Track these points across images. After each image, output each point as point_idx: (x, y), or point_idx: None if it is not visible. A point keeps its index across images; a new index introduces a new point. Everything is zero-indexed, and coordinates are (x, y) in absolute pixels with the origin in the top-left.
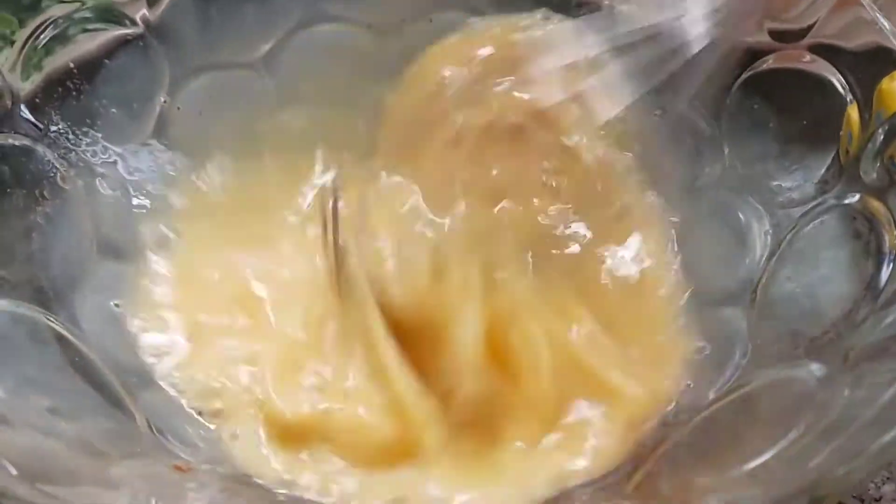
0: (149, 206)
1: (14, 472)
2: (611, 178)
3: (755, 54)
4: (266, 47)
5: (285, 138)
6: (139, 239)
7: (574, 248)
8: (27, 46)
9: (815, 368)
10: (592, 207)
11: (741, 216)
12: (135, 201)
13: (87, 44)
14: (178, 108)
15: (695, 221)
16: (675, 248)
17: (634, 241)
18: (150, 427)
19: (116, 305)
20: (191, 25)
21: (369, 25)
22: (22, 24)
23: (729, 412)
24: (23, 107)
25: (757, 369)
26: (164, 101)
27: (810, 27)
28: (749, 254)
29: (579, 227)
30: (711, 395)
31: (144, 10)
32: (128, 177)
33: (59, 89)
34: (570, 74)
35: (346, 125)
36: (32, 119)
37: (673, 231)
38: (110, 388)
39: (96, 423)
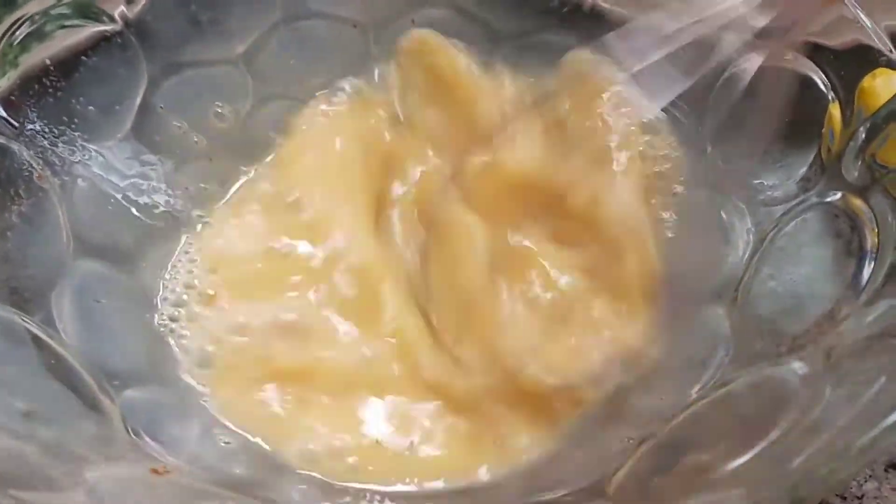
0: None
1: None
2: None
3: (739, 51)
4: (247, 43)
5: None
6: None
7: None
8: (2, 43)
9: (797, 367)
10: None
11: (723, 214)
12: (113, 200)
13: (65, 40)
14: (161, 108)
15: (677, 219)
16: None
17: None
18: (126, 429)
19: (97, 301)
20: (170, 22)
21: (353, 22)
22: None
23: (711, 411)
24: None
25: (739, 368)
26: (161, 108)
27: (794, 24)
28: (731, 252)
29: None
30: (694, 394)
31: (123, 7)
32: (105, 175)
33: (36, 86)
34: None
35: None
36: (7, 117)
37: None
38: (87, 390)
39: (72, 427)
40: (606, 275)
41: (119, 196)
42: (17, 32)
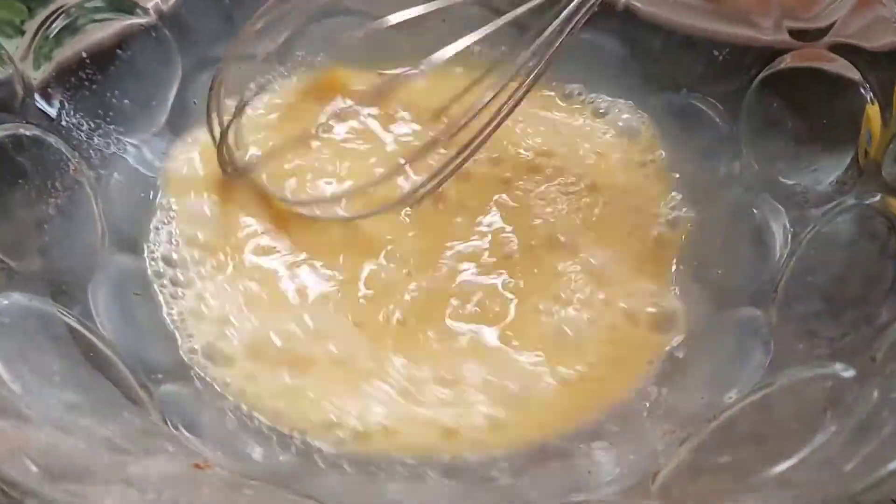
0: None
1: (35, 469)
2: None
3: (773, 53)
4: (279, 39)
5: None
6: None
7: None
8: (38, 36)
9: (840, 369)
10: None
11: (759, 215)
12: (146, 193)
13: (98, 34)
14: (195, 103)
15: (714, 220)
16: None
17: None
18: (165, 422)
19: (136, 294)
20: (204, 17)
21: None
22: (31, 12)
23: (751, 413)
24: (36, 96)
25: (779, 370)
26: (195, 103)
27: (830, 26)
28: (768, 252)
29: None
30: (734, 395)
31: (157, 0)
32: (140, 168)
33: (72, 79)
34: None
35: None
36: (45, 109)
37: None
38: (126, 382)
39: (115, 420)
40: None
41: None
42: (53, 26)
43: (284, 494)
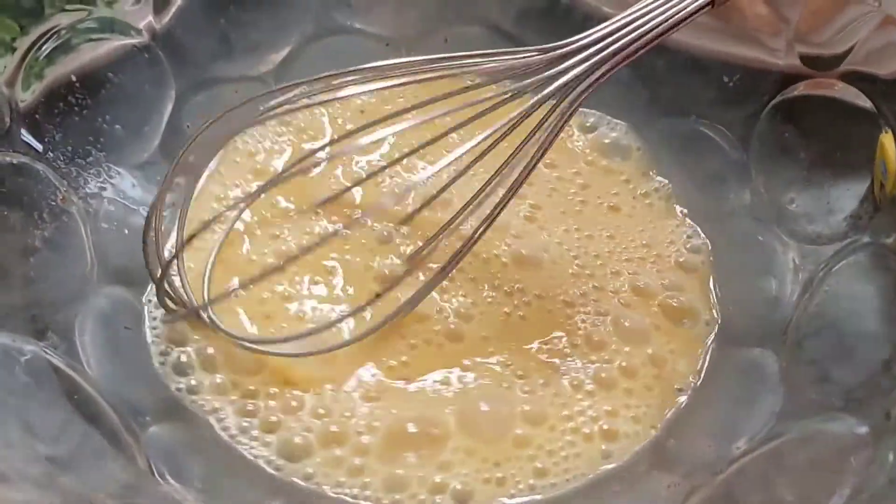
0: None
1: None
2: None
3: (786, 79)
4: (277, 59)
5: None
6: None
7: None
8: (29, 56)
9: (853, 424)
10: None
11: (768, 248)
12: (138, 222)
13: (89, 53)
14: (188, 126)
15: (723, 252)
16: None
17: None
18: (151, 471)
19: (127, 328)
20: (199, 37)
21: (385, 40)
22: (24, 30)
23: (761, 466)
24: (24, 123)
25: (791, 419)
26: (188, 126)
27: (844, 54)
28: (777, 287)
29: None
30: (742, 445)
31: (150, 18)
32: (131, 196)
33: (61, 104)
34: None
35: None
36: (33, 136)
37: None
38: (111, 426)
39: (98, 473)
40: None
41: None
42: (45, 46)
43: None
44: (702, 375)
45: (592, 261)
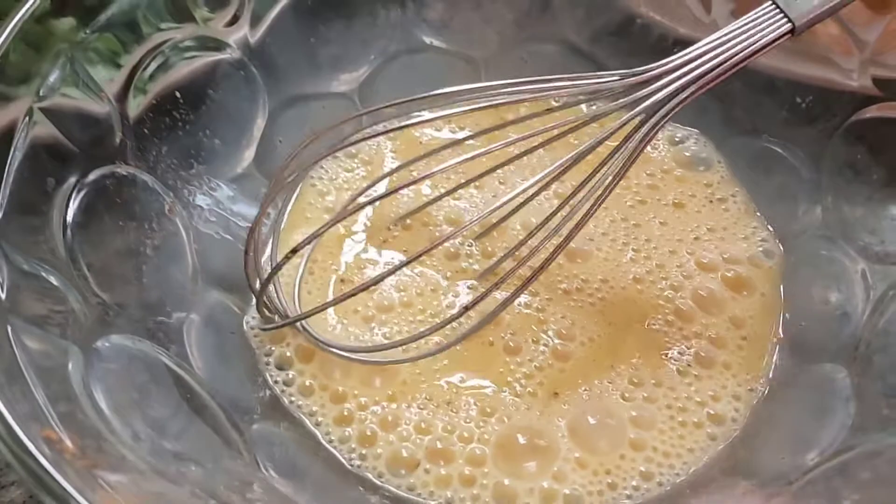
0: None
1: None
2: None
3: (860, 101)
4: (360, 77)
5: None
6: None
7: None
8: (136, 73)
9: None
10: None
11: (838, 264)
12: (237, 231)
13: (185, 69)
14: (280, 141)
15: (793, 268)
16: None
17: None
18: (257, 465)
19: (232, 333)
20: (290, 52)
21: (465, 58)
22: (126, 48)
23: (833, 477)
24: (132, 138)
25: (863, 432)
26: (280, 141)
27: None
28: (848, 305)
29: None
30: (815, 458)
31: (245, 33)
32: (229, 207)
33: (167, 119)
34: None
35: None
36: (141, 150)
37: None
38: (221, 424)
39: (217, 467)
40: None
41: (243, 227)
42: (150, 64)
43: None
44: (772, 383)
45: (645, 245)
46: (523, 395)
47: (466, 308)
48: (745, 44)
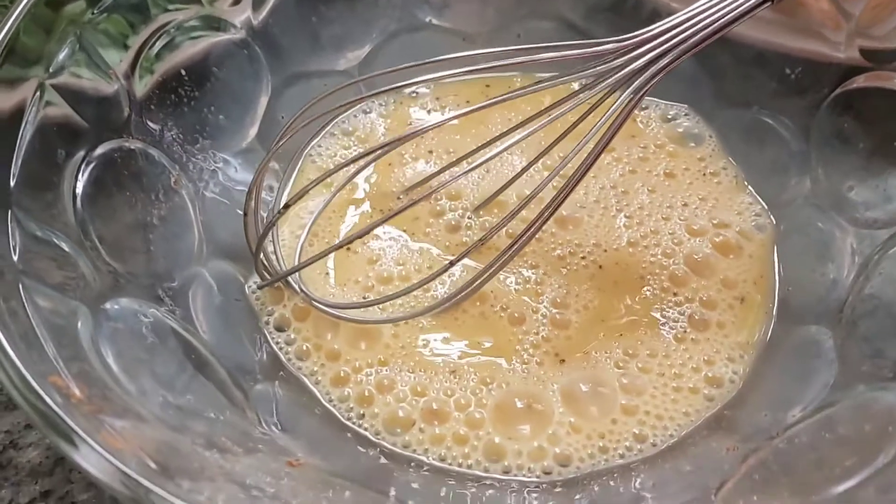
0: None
1: (153, 465)
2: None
3: (846, 72)
4: (361, 54)
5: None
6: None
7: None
8: (142, 53)
9: None
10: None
11: (827, 232)
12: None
13: (191, 49)
14: (282, 117)
15: (784, 236)
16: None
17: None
18: (260, 421)
19: (237, 300)
20: (293, 32)
21: (462, 35)
22: (134, 29)
23: (814, 432)
24: (139, 113)
25: (843, 390)
26: (282, 117)
27: None
28: (835, 270)
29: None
30: (797, 413)
31: (249, 14)
32: (233, 180)
33: (173, 96)
34: None
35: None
36: (149, 124)
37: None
38: (224, 383)
39: (219, 420)
40: None
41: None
42: (156, 43)
43: (369, 493)
44: (762, 345)
45: (638, 211)
46: (530, 363)
47: (452, 263)
48: (724, 11)
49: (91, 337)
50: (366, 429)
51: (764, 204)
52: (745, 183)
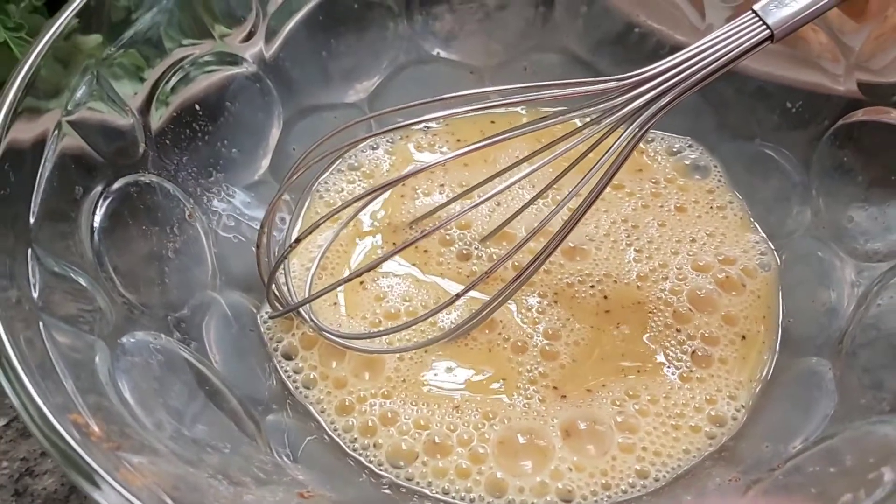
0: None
1: (169, 501)
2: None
3: (846, 105)
4: (370, 87)
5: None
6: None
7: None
8: (159, 87)
9: None
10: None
11: (827, 264)
12: (254, 235)
13: (204, 82)
14: (293, 149)
15: (784, 267)
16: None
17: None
18: (271, 452)
19: (251, 330)
20: (303, 66)
21: (469, 68)
22: (149, 62)
23: (814, 463)
24: (154, 148)
25: (843, 421)
26: (294, 149)
27: None
28: (835, 301)
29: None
30: (799, 445)
31: (261, 47)
32: (246, 213)
33: (187, 130)
34: None
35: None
36: (163, 159)
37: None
38: (237, 414)
39: (233, 453)
40: None
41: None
42: (172, 78)
43: None
44: (765, 379)
45: (647, 245)
46: (532, 398)
47: (457, 296)
48: (726, 49)
49: (108, 371)
50: (370, 460)
51: (770, 243)
52: (751, 219)
